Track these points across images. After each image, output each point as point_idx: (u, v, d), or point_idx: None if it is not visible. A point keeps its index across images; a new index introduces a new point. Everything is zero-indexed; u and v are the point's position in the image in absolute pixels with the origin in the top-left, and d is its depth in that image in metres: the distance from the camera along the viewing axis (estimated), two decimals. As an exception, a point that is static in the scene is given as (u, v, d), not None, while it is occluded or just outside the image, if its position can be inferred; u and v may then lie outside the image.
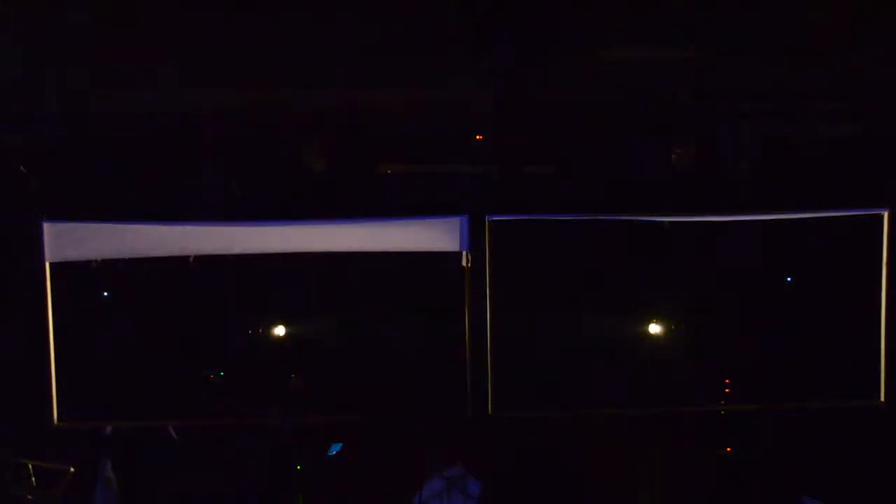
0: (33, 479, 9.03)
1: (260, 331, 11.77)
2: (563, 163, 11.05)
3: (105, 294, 11.23)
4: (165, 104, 10.01)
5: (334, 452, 10.77)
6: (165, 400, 10.81)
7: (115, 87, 9.41)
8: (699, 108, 10.15)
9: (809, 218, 10.52)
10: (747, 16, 7.99)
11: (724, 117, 10.49)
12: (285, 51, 9.11)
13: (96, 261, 10.33)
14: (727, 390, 11.11)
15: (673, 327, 11.49)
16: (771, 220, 10.58)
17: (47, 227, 10.14)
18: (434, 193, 10.79)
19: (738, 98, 10.11)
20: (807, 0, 7.82)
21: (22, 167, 10.26)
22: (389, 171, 11.20)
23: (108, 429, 10.11)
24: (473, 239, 10.49)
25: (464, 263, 10.55)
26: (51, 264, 10.21)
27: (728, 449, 10.71)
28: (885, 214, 10.38)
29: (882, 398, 10.61)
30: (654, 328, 11.62)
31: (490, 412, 10.66)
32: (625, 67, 9.16)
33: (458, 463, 10.04)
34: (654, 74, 9.28)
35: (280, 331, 11.96)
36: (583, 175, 10.92)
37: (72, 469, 8.98)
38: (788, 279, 11.53)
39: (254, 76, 9.59)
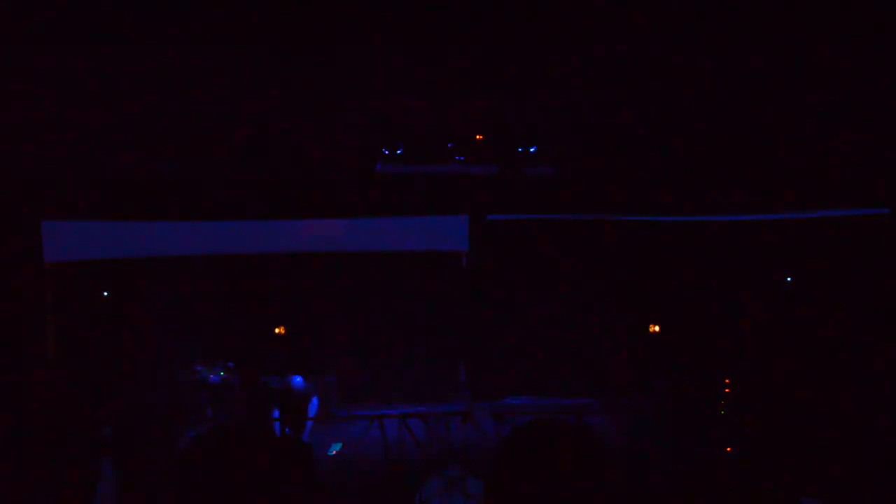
0: None
1: (260, 330, 11.78)
2: (563, 163, 11.05)
3: (105, 294, 11.25)
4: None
5: (334, 452, 10.77)
6: (166, 399, 10.84)
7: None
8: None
9: (810, 218, 10.53)
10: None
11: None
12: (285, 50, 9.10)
13: (96, 261, 10.35)
14: (727, 390, 11.13)
15: (673, 326, 11.50)
16: (771, 220, 10.58)
17: (47, 227, 10.15)
18: (434, 193, 10.79)
19: None
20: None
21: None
22: (390, 171, 11.20)
23: (109, 429, 10.11)
24: (473, 239, 10.50)
25: (464, 263, 10.57)
26: (51, 264, 10.21)
27: (728, 449, 10.72)
28: (886, 215, 10.38)
29: (882, 398, 10.62)
30: (654, 327, 11.65)
31: (489, 410, 10.67)
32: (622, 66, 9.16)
33: (458, 463, 10.04)
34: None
35: (279, 330, 11.97)
36: (583, 175, 10.92)
37: None
38: (788, 279, 11.55)
39: (255, 75, 9.58)
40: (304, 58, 8.70)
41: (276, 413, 10.84)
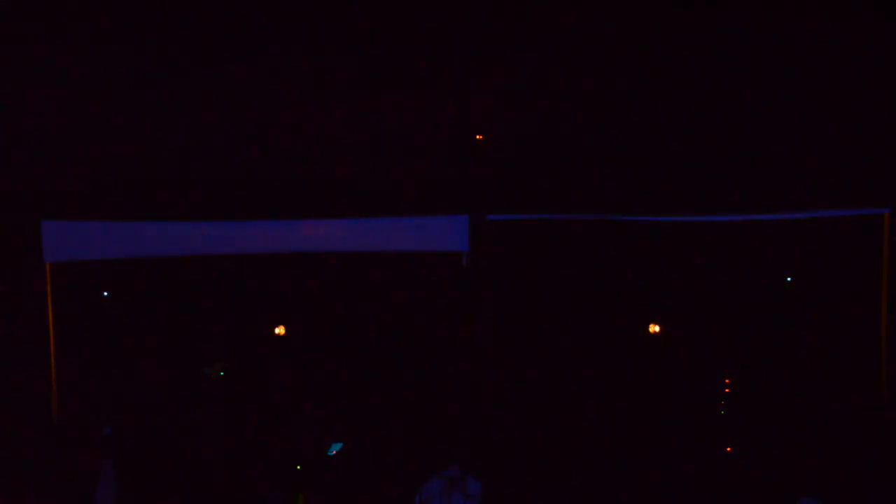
0: None
1: (259, 330, 11.77)
2: (563, 162, 11.07)
3: (105, 294, 11.25)
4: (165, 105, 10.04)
5: (334, 452, 10.77)
6: (165, 399, 10.85)
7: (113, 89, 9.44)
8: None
9: (809, 218, 10.53)
10: None
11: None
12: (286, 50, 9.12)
13: (96, 261, 10.35)
14: (727, 390, 11.13)
15: (673, 326, 11.49)
16: (771, 220, 10.58)
17: (47, 227, 10.14)
18: (434, 193, 10.81)
19: None
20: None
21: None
22: (389, 171, 11.22)
23: (109, 429, 10.11)
24: (473, 239, 10.49)
25: (464, 263, 10.56)
26: (51, 264, 10.21)
27: (728, 449, 10.72)
28: (886, 215, 10.37)
29: (882, 398, 10.61)
30: (654, 327, 11.62)
31: (490, 410, 10.68)
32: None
33: (458, 463, 10.03)
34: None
35: (279, 330, 11.96)
36: (584, 175, 10.94)
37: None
38: (788, 279, 11.55)
39: (255, 75, 9.60)
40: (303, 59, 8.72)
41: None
